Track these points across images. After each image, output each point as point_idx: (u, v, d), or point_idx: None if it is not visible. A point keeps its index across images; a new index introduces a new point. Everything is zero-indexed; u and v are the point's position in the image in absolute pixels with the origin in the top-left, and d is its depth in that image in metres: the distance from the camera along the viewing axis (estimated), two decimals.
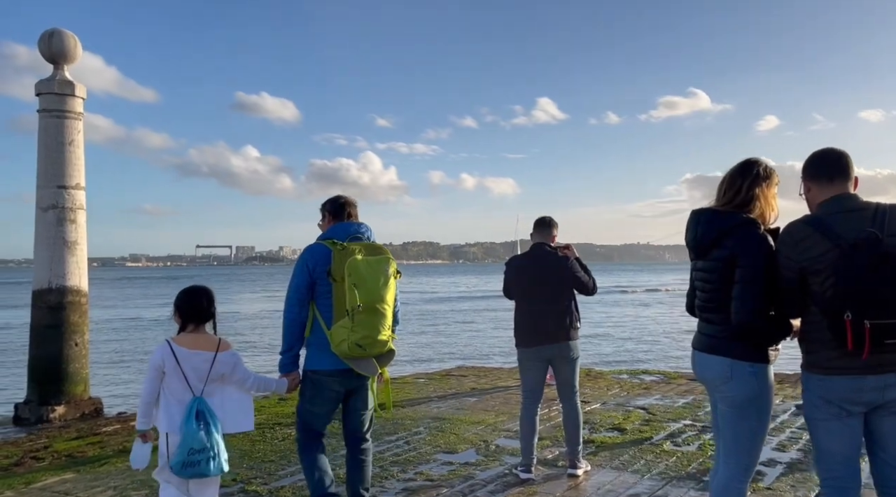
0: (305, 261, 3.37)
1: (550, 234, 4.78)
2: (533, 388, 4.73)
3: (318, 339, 3.35)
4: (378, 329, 3.26)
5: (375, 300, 3.23)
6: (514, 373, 9.87)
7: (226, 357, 3.18)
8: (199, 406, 3.09)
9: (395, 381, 9.38)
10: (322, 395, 3.39)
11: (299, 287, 3.35)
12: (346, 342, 3.18)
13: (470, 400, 7.65)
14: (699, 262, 2.88)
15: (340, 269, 3.22)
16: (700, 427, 6.07)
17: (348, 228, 3.45)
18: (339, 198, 3.64)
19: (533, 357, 4.64)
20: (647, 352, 15.56)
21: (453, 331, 22.48)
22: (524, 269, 4.70)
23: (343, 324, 3.20)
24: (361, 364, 3.29)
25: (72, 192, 9.43)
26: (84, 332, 9.42)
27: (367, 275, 3.23)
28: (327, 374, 3.34)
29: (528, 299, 4.64)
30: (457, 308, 34.66)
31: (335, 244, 3.31)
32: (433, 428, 6.23)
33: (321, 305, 3.34)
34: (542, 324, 4.57)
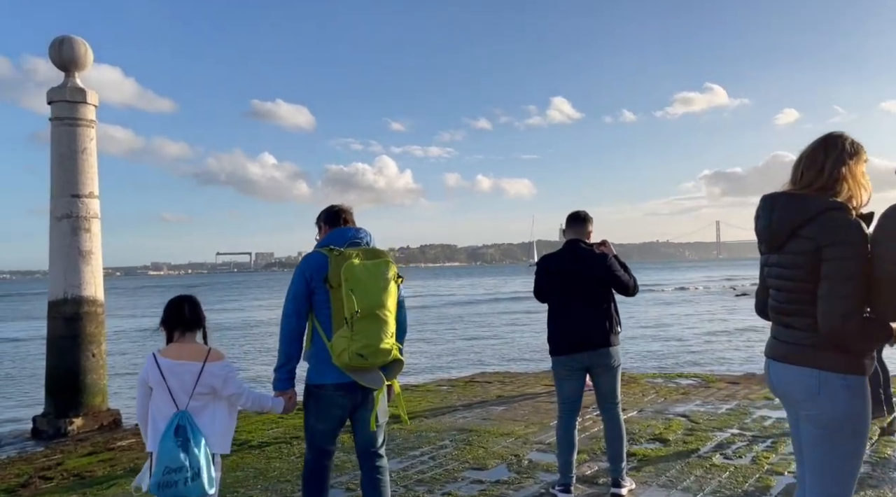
0: (302, 270, 3.22)
1: (585, 229, 4.40)
2: (570, 399, 4.34)
3: (319, 352, 3.18)
4: (379, 337, 3.07)
5: (374, 306, 3.06)
6: (540, 378, 9.49)
7: (216, 368, 2.96)
8: (180, 421, 2.88)
9: (416, 390, 9.05)
10: (327, 411, 3.20)
11: (297, 296, 3.19)
12: (347, 352, 3.01)
13: (497, 409, 7.28)
14: (773, 255, 2.47)
15: (337, 275, 3.07)
16: (750, 436, 5.63)
17: (345, 233, 3.31)
18: (332, 206, 3.50)
19: (570, 365, 4.25)
20: (680, 353, 15.01)
21: (473, 334, 22.07)
22: (558, 268, 4.31)
23: (342, 333, 3.04)
24: (366, 376, 3.11)
25: (86, 200, 9.24)
26: (101, 342, 9.27)
27: (365, 279, 3.07)
28: (330, 389, 3.15)
29: (564, 302, 4.25)
30: (475, 311, 34.23)
31: (332, 250, 3.17)
32: (460, 441, 5.87)
33: (320, 316, 3.18)
34: (580, 329, 4.18)
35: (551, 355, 4.36)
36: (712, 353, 14.96)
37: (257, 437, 6.47)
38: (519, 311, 32.32)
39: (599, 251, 4.29)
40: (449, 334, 21.81)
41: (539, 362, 14.01)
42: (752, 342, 16.46)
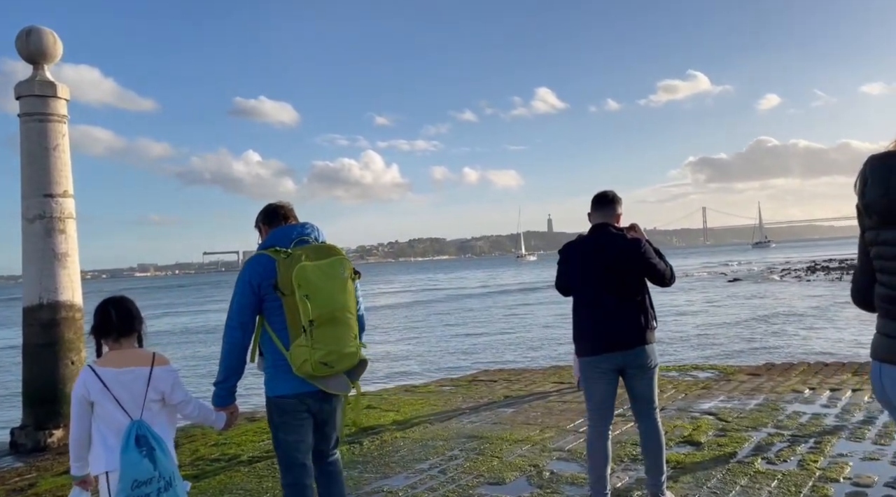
0: (248, 277, 2.95)
1: (615, 212, 3.88)
2: (602, 405, 3.84)
3: (276, 361, 2.96)
4: (343, 341, 2.91)
5: (334, 309, 2.87)
6: (548, 375, 9.00)
7: (163, 373, 2.78)
8: (138, 430, 2.67)
9: (417, 391, 8.54)
10: (291, 422, 3.01)
11: (242, 309, 2.95)
12: (309, 362, 2.82)
13: (506, 411, 6.78)
14: (885, 231, 1.96)
15: (288, 281, 2.83)
16: (789, 436, 5.16)
17: (290, 232, 3.05)
18: (269, 204, 3.28)
19: (601, 367, 3.73)
20: (686, 343, 14.59)
21: (469, 330, 21.59)
22: (586, 256, 3.78)
23: (301, 342, 2.83)
24: (331, 383, 2.95)
25: (59, 200, 8.68)
26: (80, 349, 8.76)
27: (320, 282, 2.86)
28: (293, 398, 2.97)
29: (592, 295, 3.74)
30: (468, 306, 33.74)
31: (278, 252, 2.92)
32: (470, 450, 5.37)
33: (274, 323, 2.94)
34: (612, 325, 3.67)
35: (579, 355, 3.86)
36: (720, 343, 14.55)
37: (248, 450, 5.95)
38: (512, 304, 31.93)
39: (631, 236, 3.79)
40: (443, 331, 21.33)
41: (541, 358, 13.54)
42: (754, 330, 16.07)
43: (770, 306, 22.20)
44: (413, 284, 63.47)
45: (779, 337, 14.69)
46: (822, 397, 6.43)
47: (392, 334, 20.71)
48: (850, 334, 13.45)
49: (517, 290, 41.48)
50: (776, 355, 11.56)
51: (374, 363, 14.63)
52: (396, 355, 15.52)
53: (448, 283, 60.56)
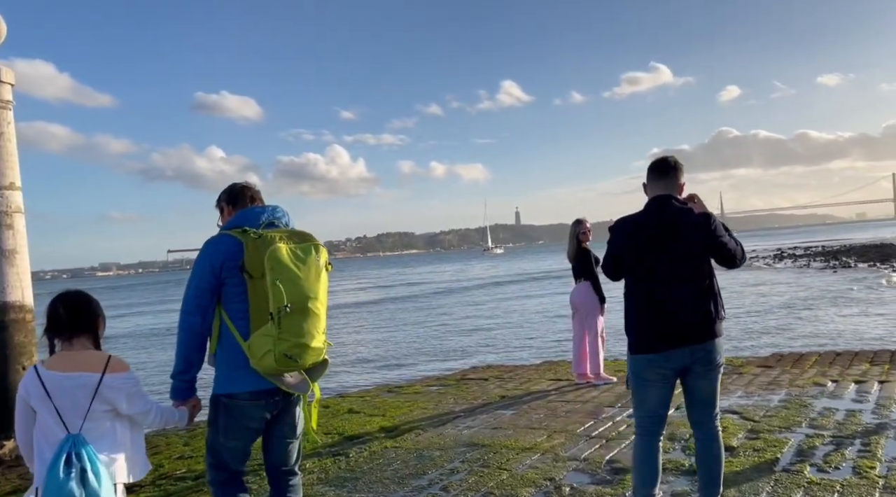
0: (209, 257, 2.70)
1: (677, 182, 3.28)
2: (656, 412, 3.25)
3: (230, 355, 2.70)
4: (311, 333, 2.65)
5: (306, 297, 2.62)
6: (541, 371, 8.42)
7: (117, 380, 2.46)
8: (72, 447, 2.36)
9: (403, 392, 7.90)
10: (239, 425, 2.73)
11: (200, 291, 2.69)
12: (273, 354, 2.57)
13: (505, 414, 6.17)
14: None
15: (258, 262, 2.60)
16: (830, 438, 4.63)
17: (259, 213, 2.82)
18: (234, 184, 3.06)
19: (663, 366, 3.14)
20: None
21: (447, 325, 20.99)
22: (645, 233, 3.18)
23: (266, 331, 2.58)
24: (291, 381, 2.70)
25: (6, 193, 7.82)
26: (33, 354, 7.96)
27: (294, 267, 2.63)
28: (245, 398, 2.69)
29: (653, 279, 3.14)
30: (442, 302, 33.15)
31: (247, 232, 2.68)
32: (473, 461, 4.75)
33: (233, 311, 2.69)
34: (679, 315, 3.09)
35: (633, 353, 3.25)
36: None
37: None
38: (488, 298, 31.44)
39: (699, 210, 3.21)
40: (420, 327, 20.66)
41: (529, 352, 13.00)
42: (740, 319, 15.74)
43: (751, 293, 22.02)
44: (383, 280, 62.57)
45: (773, 325, 14.34)
46: (849, 391, 5.96)
47: (366, 332, 20.01)
48: (844, 323, 13.17)
49: (491, 284, 41.01)
50: (779, 345, 11.16)
51: (349, 361, 14.00)
52: (374, 353, 14.83)
53: (419, 278, 59.79)
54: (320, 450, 5.44)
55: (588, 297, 7.20)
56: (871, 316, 14.19)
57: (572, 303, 7.43)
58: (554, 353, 12.01)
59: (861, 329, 12.26)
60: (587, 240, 7.39)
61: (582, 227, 7.37)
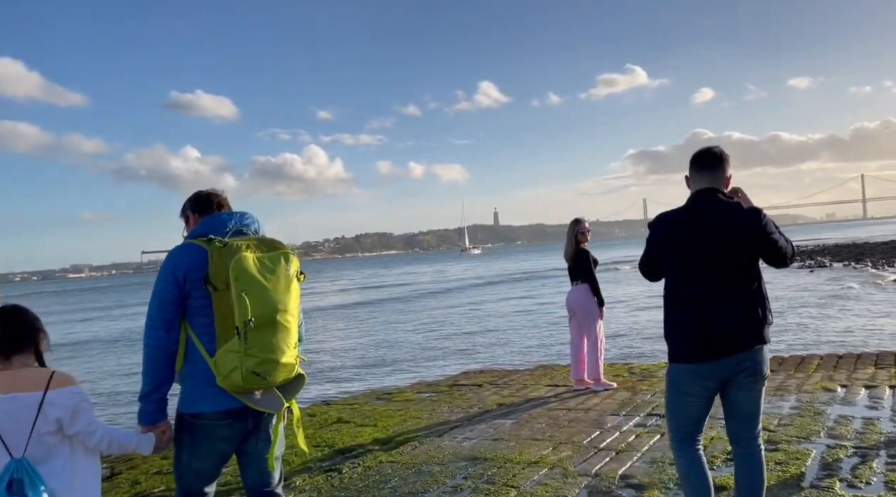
0: (172, 267, 2.53)
1: (723, 175, 3.01)
2: (695, 427, 3.00)
3: (195, 371, 2.53)
4: (281, 349, 2.49)
5: (274, 310, 2.47)
6: (537, 376, 8.15)
7: (61, 397, 2.30)
8: (14, 472, 2.22)
9: (393, 399, 7.58)
10: (206, 446, 2.57)
11: (164, 304, 2.52)
12: (239, 371, 2.41)
13: (504, 424, 5.89)
14: None
15: (223, 273, 2.44)
16: (853, 448, 4.40)
17: (226, 220, 2.66)
18: (200, 192, 2.87)
19: (707, 376, 2.87)
20: (649, 337, 13.95)
21: (431, 327, 20.69)
22: (689, 230, 2.90)
23: (231, 347, 2.42)
24: (261, 398, 2.53)
25: None
26: None
27: (261, 277, 2.47)
28: (213, 418, 2.52)
29: (697, 280, 2.87)
30: (424, 304, 32.81)
31: (212, 241, 2.51)
32: (476, 477, 4.46)
33: (198, 325, 2.53)
34: (725, 320, 2.82)
35: (674, 362, 2.97)
36: None
37: None
38: (468, 301, 31.20)
39: (747, 206, 2.95)
40: (403, 330, 20.33)
41: (521, 356, 12.73)
42: None
43: None
44: (362, 281, 62.03)
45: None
46: (861, 397, 5.77)
47: (348, 335, 19.62)
48: (833, 324, 13.09)
49: (471, 286, 40.75)
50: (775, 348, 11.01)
51: (331, 366, 13.62)
52: (357, 357, 14.47)
53: (398, 279, 59.37)
54: (311, 465, 5.11)
55: (586, 300, 6.94)
56: (865, 316, 14.15)
57: (569, 306, 7.16)
58: (544, 357, 11.76)
59: (856, 330, 12.17)
60: (586, 240, 7.13)
61: (581, 227, 7.12)
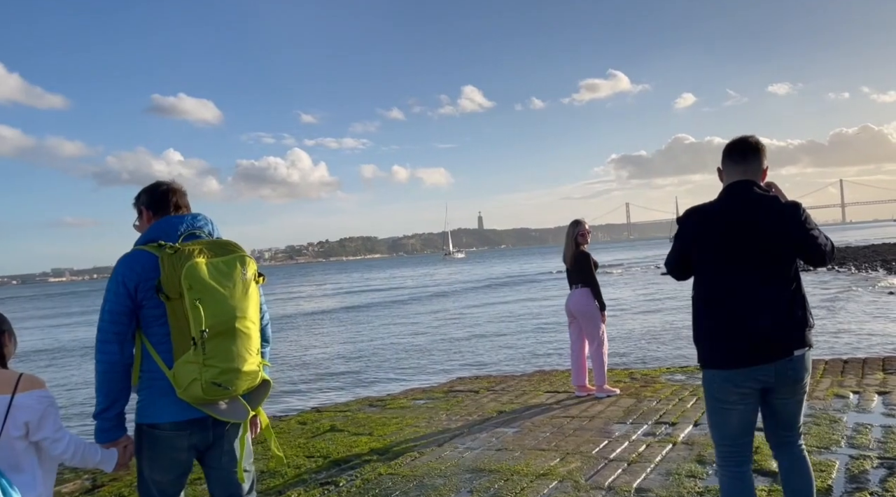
0: (122, 277, 2.42)
1: (760, 166, 2.79)
2: (741, 438, 2.76)
3: (153, 382, 2.43)
4: (242, 357, 2.39)
5: (232, 317, 2.37)
6: (535, 382, 7.93)
7: (31, 400, 2.25)
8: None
9: (387, 406, 7.32)
10: (166, 457, 2.45)
11: (116, 316, 2.41)
12: (199, 382, 2.32)
13: (506, 432, 5.65)
14: None
15: (175, 281, 2.34)
16: (878, 459, 4.18)
17: (177, 223, 2.52)
18: (159, 185, 2.68)
19: (741, 384, 2.66)
20: (657, 341, 13.79)
21: (421, 333, 20.44)
22: (723, 226, 2.69)
23: (189, 358, 2.32)
24: (224, 408, 2.44)
25: None
26: None
27: (216, 283, 2.37)
28: (171, 428, 2.41)
29: (731, 278, 2.66)
30: (411, 308, 32.50)
31: (162, 247, 2.41)
32: (482, 491, 4.20)
33: (153, 335, 2.42)
34: (765, 322, 2.61)
35: (707, 368, 2.75)
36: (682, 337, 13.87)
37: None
38: (455, 306, 30.99)
39: (785, 200, 2.74)
40: (391, 334, 20.05)
41: (515, 361, 12.51)
42: None
43: None
44: (347, 285, 61.56)
45: None
46: (875, 404, 5.58)
47: (335, 340, 19.30)
48: (832, 327, 12.98)
49: (458, 291, 40.51)
50: None
51: (319, 372, 13.32)
52: (345, 363, 14.16)
53: (384, 283, 58.98)
54: (305, 476, 4.85)
55: (587, 304, 6.73)
56: (860, 319, 14.08)
57: (568, 310, 6.94)
58: (538, 362, 11.54)
59: (853, 333, 12.07)
60: (586, 242, 6.93)
61: (581, 228, 6.91)
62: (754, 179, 2.76)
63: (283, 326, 23.17)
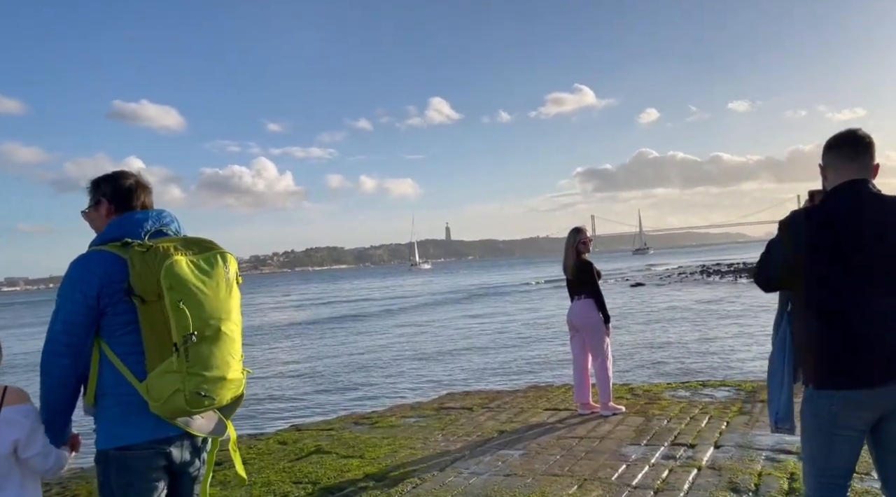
0: (79, 284, 2.12)
1: (871, 162, 2.45)
2: (843, 472, 2.42)
3: (119, 400, 2.13)
4: (227, 363, 2.14)
5: (218, 320, 2.13)
6: (532, 399, 7.51)
7: (18, 414, 2.05)
8: None
9: (376, 424, 6.86)
10: (141, 484, 2.16)
11: (71, 327, 2.11)
12: (182, 393, 2.04)
13: (512, 455, 5.23)
14: None
15: (152, 282, 2.06)
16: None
17: (142, 220, 2.25)
18: (125, 176, 2.37)
19: (861, 408, 2.33)
20: (642, 356, 13.53)
21: (399, 346, 19.95)
22: (840, 231, 2.35)
23: (170, 366, 2.05)
24: (203, 422, 2.20)
25: None
26: None
27: (199, 283, 2.11)
28: (145, 448, 2.13)
29: (851, 290, 2.33)
30: (386, 321, 32.00)
31: (128, 245, 2.12)
32: None
33: (119, 345, 2.13)
34: (889, 337, 2.29)
35: (822, 388, 2.38)
36: (678, 353, 13.65)
37: None
38: (429, 318, 30.64)
39: None
40: (366, 347, 19.54)
41: (503, 376, 12.12)
42: (706, 336, 15.39)
43: (703, 309, 21.95)
44: (314, 296, 60.60)
45: (737, 342, 14.02)
46: None
47: (304, 355, 18.71)
48: None
49: (427, 304, 40.08)
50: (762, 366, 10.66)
51: (294, 387, 12.76)
52: (320, 378, 13.61)
53: (353, 294, 58.21)
54: None
55: (591, 316, 6.38)
56: None
57: (571, 323, 6.58)
58: (526, 376, 11.18)
59: None
60: (588, 250, 6.59)
61: (582, 236, 6.58)
62: (867, 177, 2.42)
63: (250, 338, 22.45)
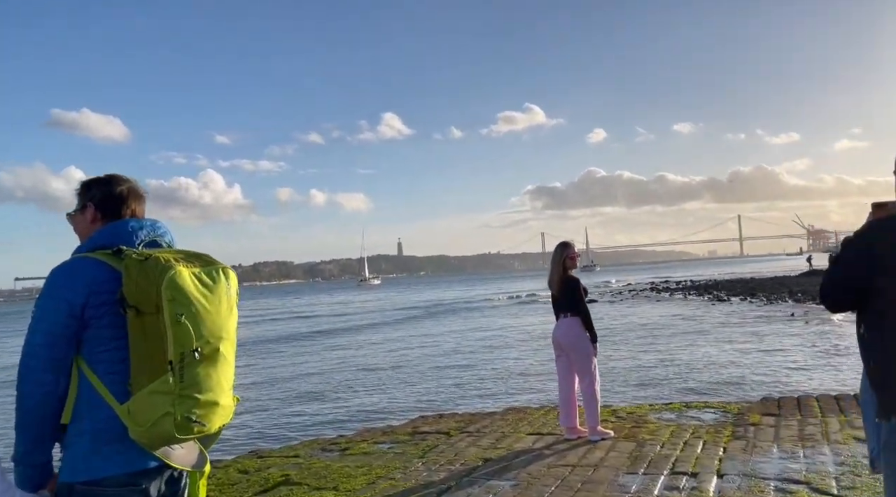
0: (64, 292, 1.91)
1: None
2: None
3: (94, 425, 1.89)
4: (222, 387, 1.96)
5: (218, 338, 1.94)
6: (511, 422, 7.14)
7: None
8: None
9: (347, 451, 6.40)
10: None
11: (53, 339, 1.89)
12: (172, 417, 1.83)
13: (503, 486, 4.84)
14: None
15: (151, 293, 1.86)
16: None
17: (136, 228, 2.06)
18: (118, 182, 2.16)
19: None
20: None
21: (361, 364, 19.38)
22: None
23: (160, 387, 1.83)
24: (183, 454, 1.99)
25: None
26: None
27: (202, 298, 1.92)
28: (120, 484, 1.88)
29: None
30: (346, 337, 31.32)
31: (121, 252, 1.94)
32: None
33: (100, 363, 1.91)
34: None
35: (888, 414, 2.10)
36: (663, 374, 13.51)
37: None
38: (383, 337, 30.16)
39: None
40: (317, 368, 18.93)
41: (475, 396, 11.76)
42: (673, 352, 15.32)
43: (666, 324, 22.05)
44: (263, 312, 59.17)
45: (716, 358, 13.98)
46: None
47: (267, 374, 17.99)
48: (783, 360, 12.95)
49: (381, 323, 39.48)
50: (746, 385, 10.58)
51: (249, 407, 12.11)
52: (276, 399, 13.00)
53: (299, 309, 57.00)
54: None
55: (578, 335, 6.09)
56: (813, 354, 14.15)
57: (556, 342, 6.28)
58: (502, 397, 10.85)
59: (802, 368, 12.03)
60: (575, 266, 6.32)
61: (569, 251, 6.30)
62: None
63: None
